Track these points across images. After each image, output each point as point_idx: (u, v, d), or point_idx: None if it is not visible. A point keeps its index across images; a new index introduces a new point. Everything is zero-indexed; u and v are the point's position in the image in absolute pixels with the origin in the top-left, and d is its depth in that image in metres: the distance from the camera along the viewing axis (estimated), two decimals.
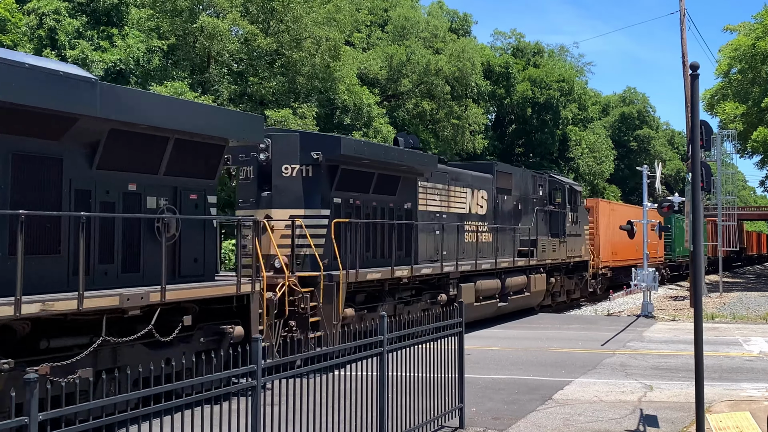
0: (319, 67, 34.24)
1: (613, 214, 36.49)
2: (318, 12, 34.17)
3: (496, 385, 13.08)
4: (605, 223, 35.43)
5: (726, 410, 10.98)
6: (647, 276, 25.64)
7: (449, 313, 9.95)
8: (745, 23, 46.19)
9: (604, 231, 35.02)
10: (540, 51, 65.42)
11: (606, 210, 36.49)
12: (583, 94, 66.76)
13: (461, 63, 45.76)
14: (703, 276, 37.17)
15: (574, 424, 10.36)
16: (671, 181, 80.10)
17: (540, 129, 59.71)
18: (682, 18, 30.88)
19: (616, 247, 36.69)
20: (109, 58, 28.50)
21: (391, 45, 45.37)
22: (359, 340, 8.10)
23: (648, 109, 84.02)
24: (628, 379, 13.74)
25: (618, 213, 37.48)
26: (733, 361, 15.80)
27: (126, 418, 5.44)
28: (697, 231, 10.54)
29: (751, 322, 23.79)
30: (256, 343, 6.59)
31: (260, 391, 6.54)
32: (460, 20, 57.81)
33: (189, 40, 32.57)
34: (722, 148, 42.03)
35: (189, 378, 6.27)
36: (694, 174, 9.14)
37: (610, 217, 36.30)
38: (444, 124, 47.59)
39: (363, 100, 37.10)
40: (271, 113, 32.21)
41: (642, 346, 18.34)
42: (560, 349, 17.68)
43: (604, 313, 28.33)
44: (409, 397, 8.85)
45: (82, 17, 30.03)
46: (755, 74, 42.08)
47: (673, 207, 25.03)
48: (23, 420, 4.64)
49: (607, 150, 66.79)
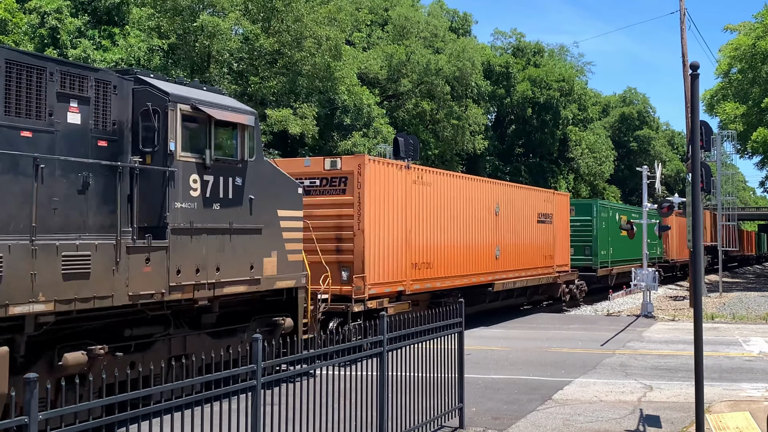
0: (320, 67, 34.25)
1: (416, 189, 18.16)
2: (319, 11, 34.18)
3: (496, 385, 13.08)
4: (387, 207, 17.12)
5: (726, 410, 10.99)
6: (647, 276, 25.64)
7: (449, 312, 9.95)
8: (746, 23, 46.21)
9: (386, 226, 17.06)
10: (540, 51, 65.42)
11: (384, 176, 17.01)
12: (583, 95, 66.75)
13: (461, 63, 45.76)
14: (703, 276, 37.13)
15: (574, 424, 10.36)
16: (671, 181, 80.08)
17: (540, 129, 59.71)
18: (682, 18, 30.88)
19: (431, 253, 18.86)
20: (110, 57, 28.51)
21: (391, 45, 45.37)
22: (359, 339, 8.11)
23: (648, 110, 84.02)
24: (628, 379, 13.75)
25: (438, 187, 19.42)
26: (733, 361, 15.80)
27: (126, 417, 5.44)
28: (697, 231, 10.54)
29: (750, 322, 23.80)
30: (257, 343, 6.59)
31: (260, 391, 6.55)
32: (461, 20, 57.81)
33: (189, 40, 32.57)
34: (722, 148, 42.03)
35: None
36: (694, 174, 9.14)
37: (401, 192, 17.65)
38: (444, 124, 47.59)
39: (363, 100, 37.11)
40: (272, 113, 32.22)
41: (642, 346, 18.34)
42: (560, 349, 17.69)
43: (603, 313, 28.33)
44: (409, 397, 8.85)
45: (84, 16, 30.05)
46: (755, 74, 42.07)
47: (674, 207, 25.02)
48: (23, 420, 4.64)
49: (607, 150, 66.79)
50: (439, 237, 19.11)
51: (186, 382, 5.93)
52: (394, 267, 17.10)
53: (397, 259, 17.23)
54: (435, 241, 18.89)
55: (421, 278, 18.23)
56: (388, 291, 16.92)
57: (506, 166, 59.44)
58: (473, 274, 20.89)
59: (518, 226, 24.04)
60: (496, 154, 58.82)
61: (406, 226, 17.64)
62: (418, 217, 18.20)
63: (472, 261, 20.86)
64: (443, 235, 19.35)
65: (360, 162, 16.40)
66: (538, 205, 25.72)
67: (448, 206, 19.74)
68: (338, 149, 36.26)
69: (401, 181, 17.54)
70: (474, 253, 21.00)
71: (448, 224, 19.67)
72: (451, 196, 19.94)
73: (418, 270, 18.08)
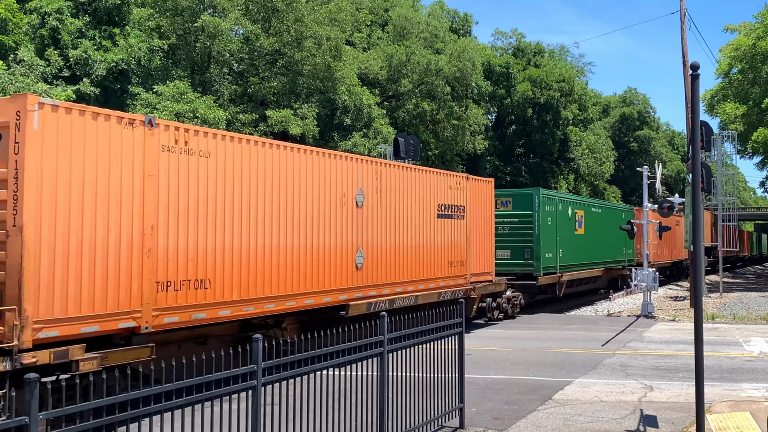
0: (320, 67, 34.26)
1: (172, 162, 11.67)
2: (319, 12, 34.20)
3: (496, 386, 13.08)
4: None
5: (726, 410, 10.99)
6: (647, 276, 25.64)
7: (449, 313, 9.95)
8: (746, 23, 46.21)
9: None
10: (540, 51, 65.46)
11: (86, 134, 10.44)
12: (583, 95, 66.82)
13: (461, 63, 45.78)
14: (703, 276, 37.09)
15: (575, 425, 10.36)
16: (671, 181, 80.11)
17: (540, 129, 59.73)
18: (682, 18, 30.88)
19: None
20: (111, 57, 28.53)
21: (391, 45, 45.39)
22: (360, 340, 8.11)
23: (648, 110, 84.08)
24: (629, 380, 13.75)
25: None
26: (734, 362, 15.80)
27: (126, 417, 5.45)
28: (698, 231, 10.54)
29: (751, 323, 23.79)
30: (257, 343, 6.59)
31: (260, 390, 6.55)
32: (461, 20, 57.83)
33: (190, 40, 32.59)
34: (722, 148, 42.02)
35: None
36: (694, 175, 9.14)
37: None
38: (444, 125, 47.61)
39: (363, 101, 37.11)
40: (272, 113, 32.23)
41: (642, 346, 18.34)
42: (560, 349, 17.68)
43: (604, 314, 28.33)
44: (409, 397, 8.85)
45: (84, 17, 30.07)
46: (756, 74, 42.06)
47: (674, 208, 25.01)
48: (23, 420, 4.64)
49: (608, 151, 66.82)
50: (229, 239, 12.38)
51: (186, 382, 5.93)
52: (109, 290, 10.39)
53: (119, 277, 10.53)
54: (220, 245, 12.18)
55: (184, 305, 11.54)
56: (90, 331, 10.10)
57: (506, 167, 59.47)
58: (308, 293, 14.16)
59: (401, 222, 17.31)
60: (496, 154, 58.84)
61: (144, 221, 10.96)
62: (177, 207, 11.49)
63: (307, 274, 14.16)
64: (240, 237, 12.62)
65: (20, 107, 9.48)
66: (440, 194, 19.02)
67: (255, 190, 12.99)
68: (338, 149, 36.29)
69: (133, 145, 10.87)
70: (311, 263, 14.30)
71: (251, 220, 12.91)
72: (258, 174, 13.08)
73: (175, 293, 11.41)
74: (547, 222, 26.61)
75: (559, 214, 27.84)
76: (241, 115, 31.81)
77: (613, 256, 34.85)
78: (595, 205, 33.72)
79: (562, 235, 28.10)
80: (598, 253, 32.28)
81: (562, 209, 28.49)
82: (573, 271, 29.29)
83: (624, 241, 34.61)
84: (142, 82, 29.95)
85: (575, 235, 29.52)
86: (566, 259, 28.43)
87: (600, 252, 32.62)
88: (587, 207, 32.02)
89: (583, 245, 30.26)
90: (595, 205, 33.88)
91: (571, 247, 28.91)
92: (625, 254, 36.50)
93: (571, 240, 29.03)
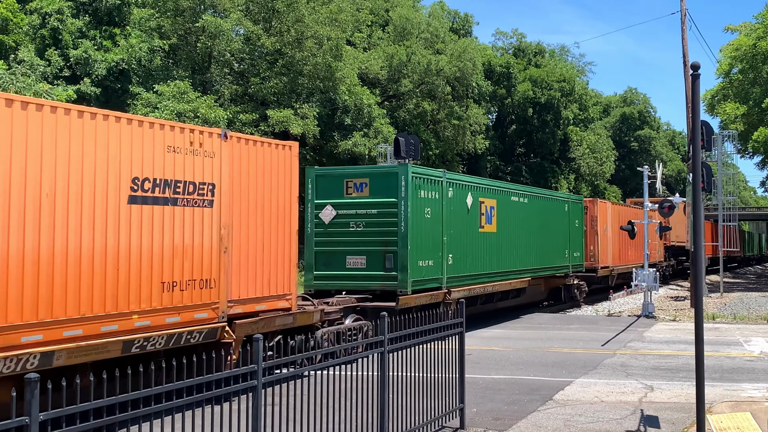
0: (321, 67, 34.28)
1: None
2: (320, 12, 34.23)
3: (497, 386, 13.07)
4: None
5: (727, 411, 10.98)
6: (648, 276, 25.63)
7: (449, 313, 9.95)
8: (746, 23, 46.23)
9: None
10: (541, 51, 65.52)
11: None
12: (584, 95, 66.88)
13: (462, 63, 45.81)
14: (704, 276, 37.00)
15: (575, 425, 10.36)
16: (672, 181, 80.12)
17: (541, 129, 59.77)
18: (683, 18, 30.87)
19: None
20: (111, 57, 28.55)
21: (391, 45, 45.42)
22: (360, 340, 8.11)
23: (649, 110, 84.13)
24: (629, 380, 13.74)
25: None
26: (734, 362, 15.79)
27: (126, 418, 5.45)
28: (698, 231, 10.53)
29: (751, 323, 23.78)
30: (257, 343, 6.59)
31: (260, 390, 6.55)
32: (461, 20, 57.88)
33: (190, 40, 32.61)
34: (723, 148, 42.02)
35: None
36: (694, 174, 9.14)
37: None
38: (445, 125, 47.65)
39: (363, 101, 37.13)
40: (273, 113, 32.23)
41: (643, 346, 18.33)
42: (561, 349, 17.67)
43: (604, 313, 28.31)
44: (409, 398, 8.85)
45: (85, 17, 30.10)
46: (756, 74, 42.07)
47: (674, 207, 25.01)
48: (24, 420, 4.64)
49: (608, 150, 66.86)
50: None
51: (186, 383, 5.93)
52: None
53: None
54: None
55: None
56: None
57: (507, 166, 59.51)
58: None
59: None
60: (497, 154, 58.88)
61: None
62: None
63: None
64: None
65: None
66: (140, 160, 10.57)
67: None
68: (339, 149, 36.31)
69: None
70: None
71: None
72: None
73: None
74: (423, 214, 18.27)
75: (448, 202, 19.45)
76: (242, 114, 31.83)
77: (549, 261, 26.13)
78: (517, 193, 24.29)
79: (455, 233, 19.76)
80: (522, 257, 23.84)
81: (455, 196, 19.95)
82: (474, 284, 20.80)
83: (566, 241, 27.60)
84: (142, 82, 29.96)
85: (479, 233, 21.15)
86: (460, 267, 20.01)
87: (527, 256, 24.16)
88: (503, 195, 22.90)
89: (493, 248, 21.93)
90: (518, 193, 24.42)
91: (470, 250, 20.54)
92: (570, 258, 28.06)
93: (472, 240, 20.71)
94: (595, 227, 29.67)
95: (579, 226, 29.07)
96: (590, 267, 30.22)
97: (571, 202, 29.11)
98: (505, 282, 22.83)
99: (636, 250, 34.83)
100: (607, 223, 31.91)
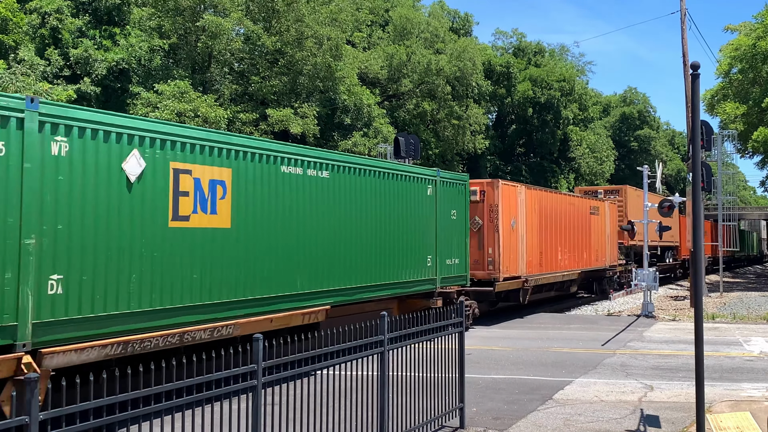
0: (321, 67, 34.27)
1: None
2: (320, 11, 34.23)
3: (497, 385, 13.08)
4: None
5: (726, 410, 10.98)
6: (647, 276, 25.64)
7: (449, 312, 9.95)
8: (746, 23, 46.21)
9: None
10: (541, 50, 65.50)
11: None
12: (583, 94, 66.85)
13: (462, 63, 45.80)
14: (704, 276, 36.96)
15: (575, 424, 10.36)
16: (672, 181, 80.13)
17: (541, 129, 59.76)
18: (682, 18, 30.87)
19: None
20: (111, 57, 28.54)
21: (391, 45, 45.41)
22: (360, 339, 8.11)
23: (649, 109, 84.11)
24: (629, 379, 13.74)
25: None
26: (734, 361, 15.79)
27: (126, 417, 5.45)
28: (698, 231, 10.54)
29: (751, 322, 23.78)
30: (257, 343, 6.59)
31: (260, 390, 6.55)
32: (461, 20, 57.87)
33: (190, 39, 32.59)
34: (723, 148, 42.02)
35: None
36: (694, 174, 9.14)
37: None
38: (445, 124, 47.63)
39: (363, 100, 37.13)
40: (273, 113, 32.23)
41: (642, 346, 18.33)
42: (561, 348, 17.68)
43: (604, 313, 28.31)
44: (409, 397, 8.86)
45: (85, 16, 30.09)
46: (756, 74, 42.06)
47: (674, 207, 24.99)
48: (24, 420, 4.64)
49: (608, 150, 66.87)
50: None
51: (186, 382, 5.93)
52: None
53: None
54: None
55: None
56: None
57: (507, 166, 59.50)
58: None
59: None
60: (497, 153, 58.87)
61: None
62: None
63: None
64: None
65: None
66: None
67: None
68: (339, 149, 36.30)
69: None
70: None
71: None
72: None
73: None
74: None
75: (65, 164, 9.46)
76: (242, 114, 31.83)
77: (385, 274, 16.08)
78: (295, 158, 13.49)
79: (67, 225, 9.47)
80: (313, 271, 13.79)
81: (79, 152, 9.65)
82: (123, 332, 9.76)
83: (431, 242, 18.18)
84: (142, 82, 29.95)
85: (170, 229, 10.90)
86: (74, 296, 9.38)
87: (324, 270, 14.10)
88: (250, 161, 12.47)
89: (221, 256, 11.77)
90: (301, 159, 13.61)
91: (133, 264, 10.25)
92: (438, 268, 18.47)
93: (149, 244, 10.55)
94: (496, 221, 21.30)
95: (458, 219, 19.74)
96: (487, 278, 21.87)
97: (443, 183, 19.15)
98: (215, 323, 11.48)
99: (574, 253, 28.03)
100: (519, 215, 23.24)
